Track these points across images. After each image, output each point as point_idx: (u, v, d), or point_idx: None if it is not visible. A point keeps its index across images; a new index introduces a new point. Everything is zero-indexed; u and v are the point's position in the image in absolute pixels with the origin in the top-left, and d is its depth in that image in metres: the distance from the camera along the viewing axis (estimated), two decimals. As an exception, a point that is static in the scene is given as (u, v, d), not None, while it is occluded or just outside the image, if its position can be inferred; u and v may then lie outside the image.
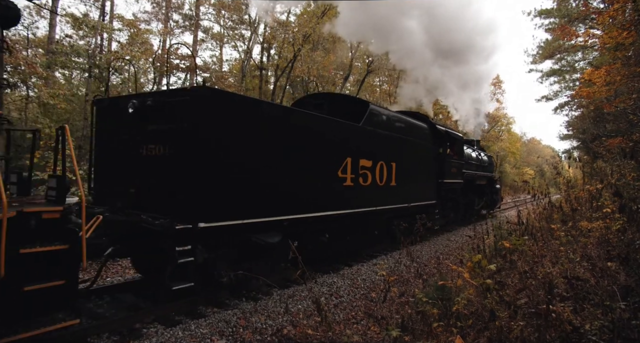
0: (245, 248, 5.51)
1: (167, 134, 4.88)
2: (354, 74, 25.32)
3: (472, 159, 15.05)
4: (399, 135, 9.10)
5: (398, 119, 9.34)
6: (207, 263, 5.00)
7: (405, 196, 9.34)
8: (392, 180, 8.67)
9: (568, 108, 27.80)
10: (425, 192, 10.58)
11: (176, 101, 4.84)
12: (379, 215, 8.48)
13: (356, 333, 3.98)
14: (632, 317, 2.93)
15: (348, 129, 7.25)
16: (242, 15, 21.52)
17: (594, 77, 14.81)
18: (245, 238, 5.39)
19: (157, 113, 4.97)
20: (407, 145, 9.49)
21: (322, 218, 6.62)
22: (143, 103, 5.03)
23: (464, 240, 10.39)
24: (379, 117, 8.37)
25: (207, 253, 4.94)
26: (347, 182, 7.14)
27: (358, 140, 7.53)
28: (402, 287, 5.66)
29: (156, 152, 4.97)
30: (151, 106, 4.98)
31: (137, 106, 5.07)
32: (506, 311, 3.22)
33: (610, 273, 3.85)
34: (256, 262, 5.78)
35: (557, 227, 6.37)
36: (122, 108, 5.19)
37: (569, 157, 12.33)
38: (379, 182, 8.20)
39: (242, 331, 4.50)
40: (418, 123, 10.47)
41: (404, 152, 9.30)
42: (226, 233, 5.06)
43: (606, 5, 14.23)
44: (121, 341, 4.10)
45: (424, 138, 10.47)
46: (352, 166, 7.26)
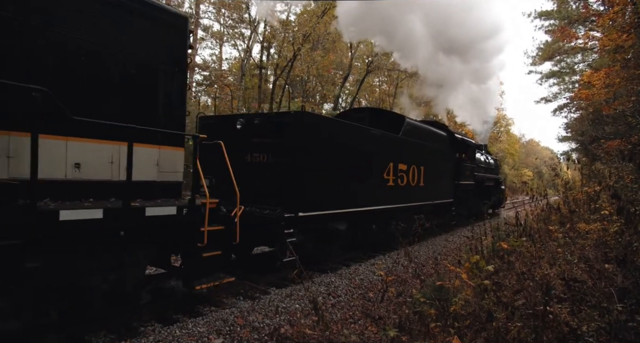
0: (323, 233, 7.20)
1: (270, 145, 6.47)
2: (353, 73, 25.31)
3: (482, 163, 16.73)
4: (426, 143, 10.89)
5: (426, 129, 11.36)
6: (301, 243, 6.45)
7: (431, 195, 11.05)
8: (421, 181, 10.37)
9: (567, 110, 27.85)
10: (445, 191, 12.29)
11: (281, 121, 6.45)
12: (411, 210, 10.12)
13: (353, 333, 3.98)
14: (628, 319, 2.94)
15: (391, 139, 9.03)
16: (242, 14, 21.49)
17: (593, 79, 14.84)
18: (323, 225, 7.09)
19: (262, 130, 6.59)
20: (432, 151, 11.25)
21: (372, 212, 8.32)
22: (250, 121, 6.77)
23: (462, 241, 10.41)
24: (412, 128, 10.17)
25: (301, 235, 6.49)
26: (390, 183, 8.83)
27: (397, 147, 9.26)
28: (399, 287, 5.66)
29: (260, 159, 6.56)
30: (258, 124, 6.65)
31: (244, 124, 6.79)
32: (503, 312, 3.22)
33: (608, 275, 3.85)
34: (329, 244, 7.49)
35: (555, 229, 6.38)
36: (229, 124, 6.93)
37: (567, 159, 12.37)
38: (412, 183, 9.88)
39: (239, 330, 4.50)
40: (440, 132, 12.42)
41: (430, 157, 11.05)
42: (312, 221, 6.70)
43: (606, 7, 14.25)
44: (118, 339, 4.09)
45: (444, 145, 12.32)
46: (393, 169, 8.95)
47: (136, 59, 4.29)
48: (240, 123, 6.83)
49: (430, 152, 11.17)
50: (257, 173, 6.43)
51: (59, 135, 3.60)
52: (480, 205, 16.44)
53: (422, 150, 10.61)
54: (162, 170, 4.50)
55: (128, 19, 4.17)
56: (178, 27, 4.69)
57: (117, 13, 4.06)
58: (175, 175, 4.68)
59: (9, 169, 3.29)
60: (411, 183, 9.83)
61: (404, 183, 9.44)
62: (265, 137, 6.53)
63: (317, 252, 7.23)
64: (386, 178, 8.69)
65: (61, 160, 3.64)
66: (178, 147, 4.71)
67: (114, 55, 4.07)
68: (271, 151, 6.47)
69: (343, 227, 7.51)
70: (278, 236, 6.13)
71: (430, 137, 11.44)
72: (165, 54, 4.58)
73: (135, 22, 4.24)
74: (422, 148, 10.62)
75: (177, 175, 4.71)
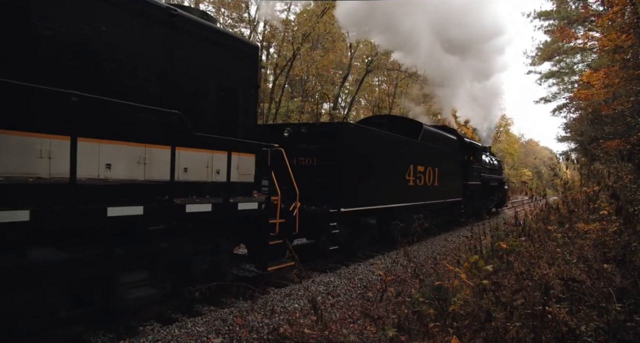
0: (356, 226, 8.19)
1: (315, 151, 7.59)
2: (352, 73, 25.29)
3: (487, 164, 17.90)
4: (440, 147, 12.02)
5: (439, 134, 12.46)
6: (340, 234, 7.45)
7: (444, 194, 12.19)
8: (435, 182, 11.47)
9: (566, 110, 27.84)
10: (455, 191, 13.44)
11: (324, 130, 7.78)
12: (427, 207, 11.22)
13: (352, 332, 3.99)
14: (627, 319, 2.94)
15: (412, 143, 10.22)
16: (241, 13, 21.47)
17: (593, 80, 14.85)
18: (357, 219, 8.12)
19: (308, 137, 7.66)
20: (445, 154, 12.38)
21: (396, 208, 9.44)
22: (297, 130, 7.83)
23: (461, 241, 10.41)
24: (428, 134, 11.28)
25: (341, 228, 7.47)
26: (410, 183, 9.95)
27: (416, 151, 10.41)
28: (398, 286, 5.67)
29: (306, 163, 7.62)
30: (304, 133, 7.73)
31: (291, 132, 7.80)
32: (502, 312, 3.22)
33: (606, 275, 3.86)
34: (361, 236, 8.53)
35: (554, 229, 6.39)
36: (276, 132, 7.86)
37: (566, 159, 12.40)
38: (428, 183, 10.97)
39: (238, 330, 4.50)
40: (451, 136, 13.61)
41: (443, 160, 12.14)
42: (350, 216, 7.69)
43: (605, 7, 14.25)
44: (117, 338, 4.09)
45: (455, 148, 13.49)
46: (413, 171, 10.06)
47: (225, 83, 5.36)
48: (288, 131, 7.86)
49: (443, 155, 12.29)
50: (303, 175, 7.06)
51: (181, 147, 4.56)
52: (487, 204, 17.68)
53: (437, 153, 11.74)
54: (241, 173, 5.47)
55: (223, 52, 5.31)
56: (252, 55, 5.82)
57: (218, 49, 5.21)
58: (249, 177, 5.69)
59: (145, 173, 4.36)
60: (427, 184, 10.95)
61: (422, 183, 10.59)
62: (311, 144, 7.63)
63: (352, 243, 8.28)
64: (407, 179, 9.83)
65: (179, 165, 4.56)
66: (251, 153, 5.72)
67: (214, 82, 5.18)
68: (316, 155, 7.59)
69: (373, 221, 8.66)
70: (324, 228, 7.21)
71: (443, 141, 12.59)
72: (243, 77, 5.64)
73: (225, 53, 5.36)
74: (437, 151, 11.75)
75: (250, 177, 5.71)
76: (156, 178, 4.38)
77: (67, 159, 3.40)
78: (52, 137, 3.57)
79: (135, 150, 4.25)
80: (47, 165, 3.56)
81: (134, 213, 3.92)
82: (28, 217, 3.17)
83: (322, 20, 18.74)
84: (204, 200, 4.73)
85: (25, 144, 3.44)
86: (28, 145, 3.46)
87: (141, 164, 4.29)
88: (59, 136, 3.57)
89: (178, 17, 4.62)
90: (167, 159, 4.30)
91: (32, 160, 3.49)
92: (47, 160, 3.56)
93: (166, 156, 4.31)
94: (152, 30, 4.45)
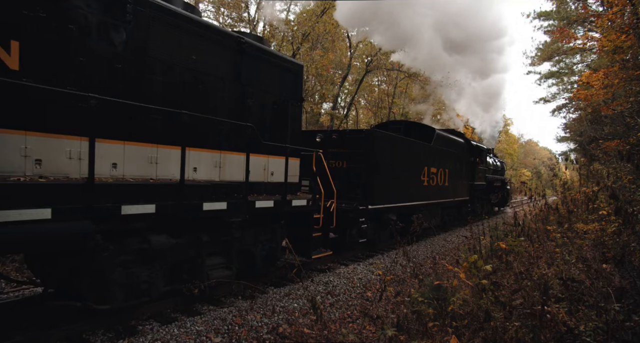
0: (379, 222, 9.12)
1: (346, 154, 8.57)
2: (352, 73, 25.28)
3: (491, 165, 19.03)
4: (450, 150, 13.05)
5: (450, 138, 13.51)
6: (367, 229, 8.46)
7: (453, 193, 13.23)
8: (446, 182, 12.50)
9: (566, 110, 27.79)
10: (463, 191, 14.52)
11: (354, 137, 8.71)
12: (439, 205, 12.36)
13: (352, 332, 3.99)
14: (626, 319, 2.95)
15: (426, 147, 11.22)
16: (241, 12, 21.45)
17: (592, 80, 14.82)
18: (380, 215, 9.11)
19: (338, 142, 8.66)
20: (454, 156, 13.37)
21: (412, 206, 10.42)
22: (329, 136, 8.85)
23: (460, 241, 10.43)
24: (440, 138, 12.29)
25: (368, 223, 8.50)
26: (425, 183, 10.93)
27: (430, 154, 11.36)
28: (398, 286, 5.67)
29: (337, 165, 8.52)
30: (335, 138, 8.71)
31: (323, 138, 8.78)
32: (501, 311, 3.22)
33: (605, 275, 3.86)
34: (383, 230, 9.41)
35: (553, 229, 6.39)
36: (308, 137, 8.52)
37: (566, 159, 12.46)
38: (440, 183, 11.98)
39: (237, 329, 4.50)
40: (459, 140, 14.66)
41: (453, 162, 13.15)
42: (375, 212, 8.69)
43: (605, 8, 14.25)
44: (116, 338, 4.09)
45: (463, 150, 14.48)
46: (427, 172, 11.04)
47: (278, 97, 6.34)
48: (320, 137, 8.80)
49: (453, 157, 13.28)
50: (334, 176, 7.65)
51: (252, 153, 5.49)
52: (491, 203, 18.85)
53: (448, 155, 12.76)
54: (289, 175, 6.22)
55: (276, 71, 6.30)
56: (298, 73, 6.85)
57: (273, 68, 6.21)
58: (295, 178, 6.64)
59: (220, 174, 5.30)
60: (439, 184, 11.96)
61: (434, 183, 11.60)
62: (341, 148, 8.61)
63: (375, 236, 9.08)
64: (422, 180, 10.83)
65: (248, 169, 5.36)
66: (297, 157, 6.65)
67: (271, 96, 6.19)
68: (347, 159, 8.55)
69: (394, 218, 9.52)
70: (354, 223, 8.16)
71: (453, 144, 13.59)
72: (291, 92, 6.62)
73: (278, 71, 6.35)
74: (448, 154, 12.78)
75: (296, 178, 6.63)
76: (228, 179, 5.38)
77: (171, 164, 4.60)
78: (159, 146, 4.54)
79: (214, 156, 5.21)
80: (154, 169, 4.50)
81: (220, 208, 4.86)
82: (154, 210, 4.08)
83: (321, 20, 18.73)
84: (268, 198, 5.75)
85: (143, 153, 4.38)
86: (145, 154, 4.40)
87: (217, 167, 5.25)
88: (166, 146, 4.58)
89: (245, 44, 5.56)
90: (237, 162, 5.45)
91: (146, 165, 4.41)
92: (154, 166, 4.51)
93: (236, 160, 5.47)
94: (227, 55, 5.40)
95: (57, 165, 3.68)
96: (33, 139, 3.51)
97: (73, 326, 4.08)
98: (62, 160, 3.71)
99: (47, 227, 3.28)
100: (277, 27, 19.30)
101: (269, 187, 6.08)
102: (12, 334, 3.74)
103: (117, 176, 4.13)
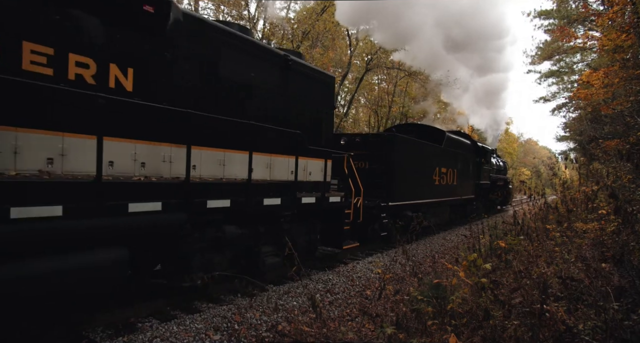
0: (396, 217, 9.59)
1: (368, 156, 9.37)
2: (352, 71, 25.24)
3: (494, 165, 19.97)
4: (458, 151, 13.94)
5: (458, 140, 14.41)
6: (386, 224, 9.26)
7: (460, 192, 14.20)
8: (455, 181, 13.36)
9: (566, 109, 27.80)
10: (469, 189, 15.41)
11: (376, 140, 9.72)
12: (448, 203, 13.28)
13: (351, 330, 3.99)
14: (624, 318, 2.95)
15: (437, 149, 12.19)
16: (241, 10, 21.39)
17: (592, 79, 14.82)
18: (398, 212, 9.85)
19: (361, 145, 9.54)
20: (462, 157, 14.25)
21: (426, 203, 11.36)
22: (352, 139, 9.76)
23: (459, 240, 10.44)
24: (450, 140, 13.15)
25: (388, 218, 9.30)
26: (436, 182, 11.81)
27: (441, 155, 12.31)
28: (397, 285, 5.67)
29: (359, 166, 8.76)
30: (358, 142, 9.63)
31: (347, 141, 9.67)
32: (500, 310, 3.23)
33: (604, 274, 3.86)
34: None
35: (552, 228, 6.39)
36: (334, 140, 8.88)
37: (565, 159, 12.50)
38: (449, 182, 12.87)
39: (237, 327, 4.50)
40: (467, 141, 15.60)
41: (460, 162, 14.04)
42: (394, 209, 9.57)
43: (605, 7, 14.23)
44: (116, 335, 4.09)
45: (469, 151, 15.39)
46: (438, 172, 11.90)
47: (315, 106, 7.18)
48: (344, 140, 9.66)
49: (461, 158, 14.14)
50: (358, 175, 8.21)
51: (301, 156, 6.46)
52: (494, 201, 19.82)
53: (456, 156, 13.63)
54: (323, 175, 7.14)
55: (313, 83, 7.13)
56: (331, 84, 7.73)
57: (311, 80, 7.06)
58: (327, 177, 7.31)
59: (270, 174, 6.10)
60: (448, 183, 12.82)
61: (444, 182, 12.46)
62: (364, 150, 9.40)
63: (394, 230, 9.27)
64: (434, 179, 11.67)
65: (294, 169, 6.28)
66: (330, 159, 7.31)
67: (310, 105, 7.01)
68: (369, 160, 9.35)
69: (411, 214, 10.24)
70: (377, 218, 8.95)
71: (461, 146, 14.49)
72: (325, 100, 7.46)
73: (315, 83, 7.18)
74: (456, 155, 13.66)
75: (328, 177, 7.32)
76: (277, 179, 6.17)
77: (235, 165, 5.44)
78: (226, 150, 5.34)
79: (265, 159, 5.97)
80: (222, 170, 5.30)
81: (276, 203, 5.76)
82: (229, 204, 5.01)
83: (321, 18, 18.69)
84: (311, 195, 6.60)
85: (214, 157, 5.20)
86: (216, 157, 5.23)
87: (267, 168, 6.02)
88: (231, 150, 5.41)
89: (290, 61, 6.39)
90: (283, 164, 6.28)
91: (216, 166, 5.23)
92: (222, 167, 5.31)
93: (283, 163, 6.28)
94: (276, 71, 6.25)
95: (155, 167, 4.49)
96: (140, 146, 4.32)
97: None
98: (158, 163, 4.52)
99: (158, 217, 4.18)
100: (277, 25, 19.25)
101: (307, 185, 6.80)
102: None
103: (195, 176, 4.89)
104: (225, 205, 4.98)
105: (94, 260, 3.66)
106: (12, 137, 3.31)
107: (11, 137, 3.30)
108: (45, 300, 3.41)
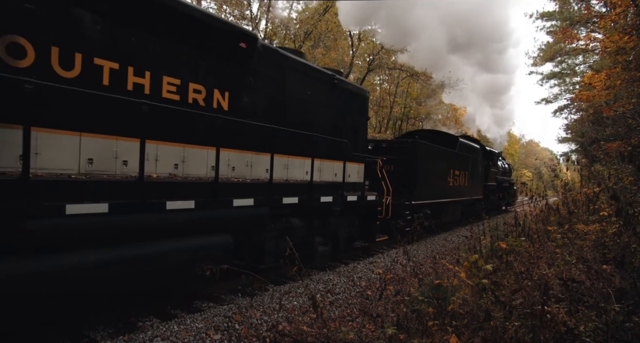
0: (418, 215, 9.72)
1: (394, 160, 10.30)
2: (354, 72, 25.23)
3: (500, 168, 21.04)
4: (469, 155, 15.08)
5: (469, 145, 15.45)
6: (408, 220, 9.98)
7: (470, 192, 15.29)
8: (466, 183, 14.50)
9: (567, 111, 27.74)
10: (478, 190, 16.43)
11: (401, 146, 10.91)
12: (460, 202, 14.43)
13: (351, 330, 3.99)
14: (626, 319, 2.95)
15: (452, 153, 13.38)
16: (243, 10, 21.40)
17: (594, 81, 14.80)
18: (418, 210, 10.66)
19: (387, 150, 10.67)
20: (472, 160, 15.34)
21: (442, 203, 12.51)
22: (379, 145, 11.02)
23: (460, 241, 10.44)
24: (462, 145, 14.36)
25: (411, 216, 9.88)
26: (450, 184, 12.93)
27: (454, 159, 13.44)
28: (398, 285, 5.67)
29: (385, 168, 9.45)
30: (384, 147, 10.90)
31: (374, 146, 10.63)
32: (501, 311, 3.22)
33: (606, 276, 3.86)
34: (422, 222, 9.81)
35: (553, 229, 6.38)
36: None
37: (567, 160, 12.48)
38: (461, 184, 14.00)
39: (237, 326, 4.50)
40: (476, 145, 16.60)
41: (471, 165, 15.16)
42: (416, 207, 10.54)
43: (608, 9, 14.21)
44: (116, 334, 4.10)
45: (479, 155, 16.42)
46: (452, 174, 13.04)
47: (353, 117, 8.11)
48: (372, 146, 10.41)
49: (471, 161, 15.23)
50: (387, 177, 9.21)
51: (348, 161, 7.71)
52: (500, 202, 21.06)
53: (467, 160, 14.73)
54: (359, 176, 8.14)
55: (351, 96, 8.08)
56: (366, 97, 8.78)
57: (350, 95, 8.03)
58: (362, 179, 8.25)
59: (320, 176, 6.96)
60: (461, 184, 13.91)
61: (457, 184, 13.55)
62: (390, 155, 10.39)
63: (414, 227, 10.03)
64: (448, 180, 12.76)
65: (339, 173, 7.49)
66: (363, 163, 8.31)
67: (349, 117, 7.93)
68: (394, 163, 10.29)
69: (429, 212, 11.37)
70: (401, 215, 9.89)
71: (471, 150, 15.53)
72: (361, 111, 8.48)
73: (353, 97, 8.14)
74: (467, 158, 14.76)
75: (362, 178, 8.25)
76: (325, 180, 7.10)
77: (296, 169, 6.41)
78: (289, 157, 6.29)
79: (317, 163, 6.82)
80: (286, 173, 6.24)
81: (329, 201, 6.95)
82: (297, 201, 6.21)
83: (324, 18, 18.68)
84: (353, 194, 7.64)
85: (282, 161, 6.13)
86: (283, 162, 6.16)
87: (319, 172, 6.92)
88: (295, 157, 6.40)
89: (336, 80, 7.39)
90: (330, 168, 7.25)
91: (282, 169, 6.16)
92: (286, 170, 6.23)
93: (330, 166, 7.24)
94: (325, 89, 7.23)
95: (241, 170, 5.45)
96: (231, 154, 5.26)
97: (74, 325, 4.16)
98: (242, 167, 5.47)
99: (251, 210, 5.41)
100: (280, 25, 19.24)
101: (347, 186, 7.61)
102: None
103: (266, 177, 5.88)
104: (294, 202, 6.15)
105: (211, 243, 4.83)
106: (153, 148, 4.34)
107: (152, 148, 4.33)
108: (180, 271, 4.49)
